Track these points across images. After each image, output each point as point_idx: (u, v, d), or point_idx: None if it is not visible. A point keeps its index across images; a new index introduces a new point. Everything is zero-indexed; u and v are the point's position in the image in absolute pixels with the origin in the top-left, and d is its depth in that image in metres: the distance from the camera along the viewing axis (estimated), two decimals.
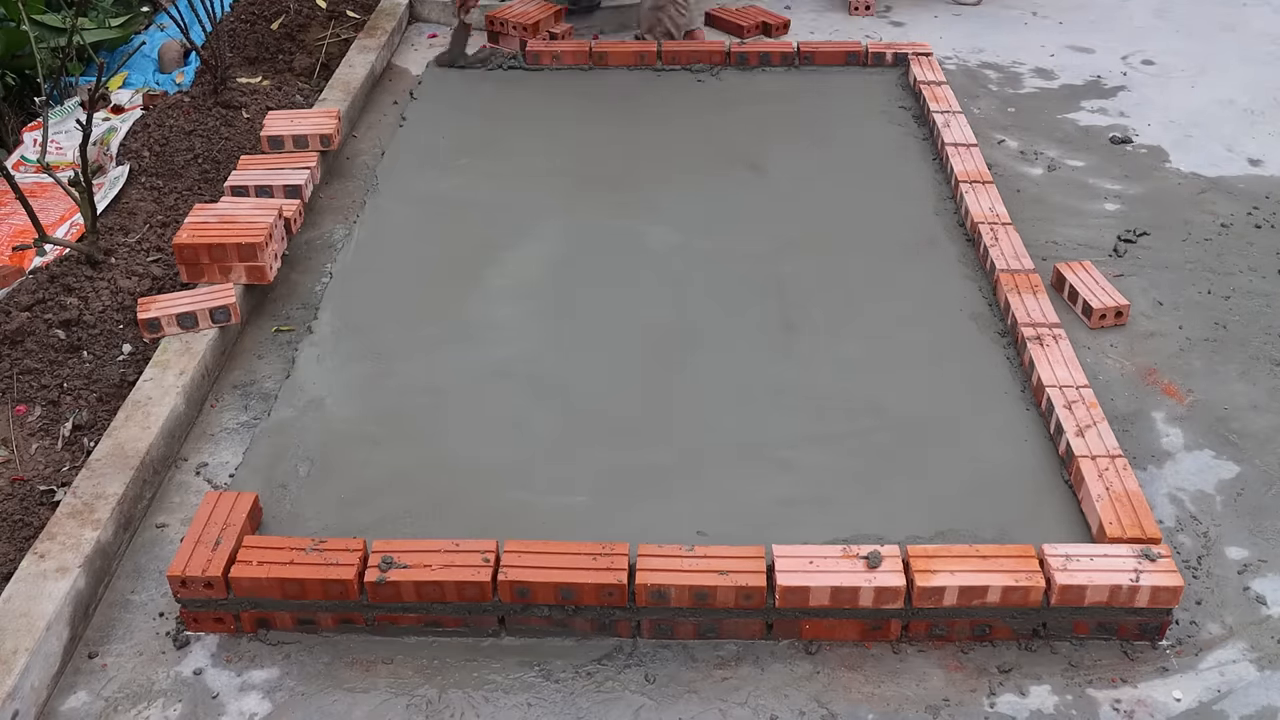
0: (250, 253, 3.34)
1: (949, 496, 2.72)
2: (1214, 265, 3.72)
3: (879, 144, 4.35)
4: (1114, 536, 2.50)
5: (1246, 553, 2.67)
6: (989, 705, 2.31)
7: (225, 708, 2.31)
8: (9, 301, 3.28)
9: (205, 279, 3.37)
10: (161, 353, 3.12)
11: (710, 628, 2.44)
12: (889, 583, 2.37)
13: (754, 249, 3.68)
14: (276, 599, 2.43)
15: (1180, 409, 3.10)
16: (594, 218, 3.87)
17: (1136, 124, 4.67)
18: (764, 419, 2.98)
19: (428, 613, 2.44)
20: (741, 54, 4.97)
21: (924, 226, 3.81)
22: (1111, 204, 4.08)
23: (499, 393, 3.07)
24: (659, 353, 3.22)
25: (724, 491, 2.75)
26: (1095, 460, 2.70)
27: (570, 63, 4.99)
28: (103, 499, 2.63)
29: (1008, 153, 4.43)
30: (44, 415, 2.99)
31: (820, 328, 3.32)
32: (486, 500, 2.72)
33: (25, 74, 4.67)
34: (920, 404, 3.02)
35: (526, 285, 3.53)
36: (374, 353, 3.23)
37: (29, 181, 4.05)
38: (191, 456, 2.96)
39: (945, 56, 5.22)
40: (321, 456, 2.86)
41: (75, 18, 3.73)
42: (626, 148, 4.32)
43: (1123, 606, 2.39)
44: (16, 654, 2.25)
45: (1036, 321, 3.20)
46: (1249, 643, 2.45)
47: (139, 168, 4.06)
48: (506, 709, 2.30)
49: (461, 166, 4.18)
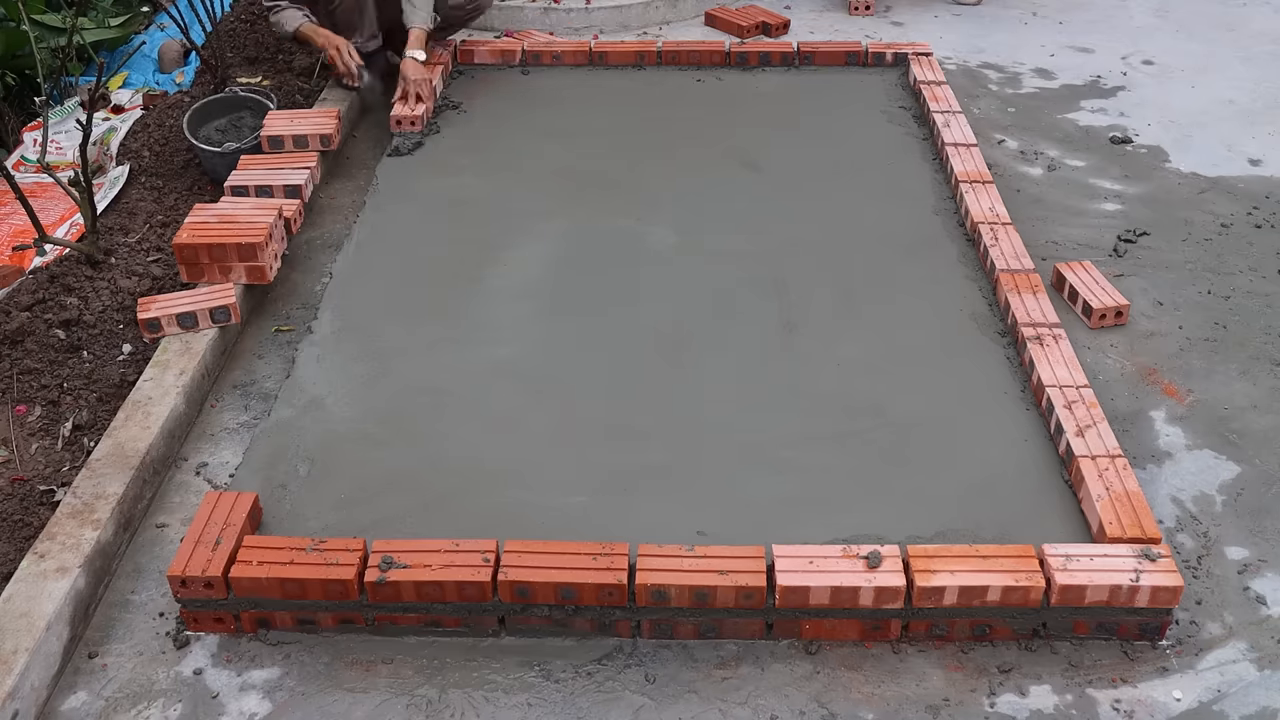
0: (250, 253, 3.34)
1: (949, 496, 2.72)
2: (1214, 265, 3.72)
3: (879, 144, 4.35)
4: (1114, 536, 2.50)
5: (1246, 553, 2.67)
6: (989, 705, 2.32)
7: (225, 708, 2.31)
8: (9, 301, 3.28)
9: (205, 279, 3.37)
10: (161, 353, 3.12)
11: (710, 628, 2.44)
12: (889, 583, 2.37)
13: (754, 249, 3.68)
14: (276, 599, 2.43)
15: (1180, 409, 3.10)
16: (593, 218, 3.87)
17: (1136, 124, 4.67)
18: (764, 419, 2.98)
19: (428, 613, 2.44)
20: (741, 54, 4.97)
21: (924, 226, 3.81)
22: (1111, 204, 4.08)
23: (499, 393, 3.07)
24: (659, 352, 3.22)
25: (724, 491, 2.75)
26: (1095, 460, 2.70)
27: (570, 62, 4.99)
28: (103, 499, 2.63)
29: (1008, 153, 4.43)
30: (44, 415, 2.99)
31: (820, 328, 3.32)
32: (486, 500, 2.72)
33: (25, 74, 4.67)
34: (920, 404, 3.02)
35: (526, 285, 3.53)
36: (374, 353, 3.23)
37: (29, 181, 4.05)
38: (191, 456, 2.96)
39: (945, 56, 5.22)
40: (321, 456, 2.86)
41: (75, 18, 3.73)
42: (626, 148, 4.32)
43: (1123, 606, 2.39)
44: (16, 654, 2.25)
45: (1036, 321, 3.20)
46: (1249, 643, 2.45)
47: (139, 168, 4.07)
48: (506, 709, 2.30)
49: (462, 166, 4.18)
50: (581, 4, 5.65)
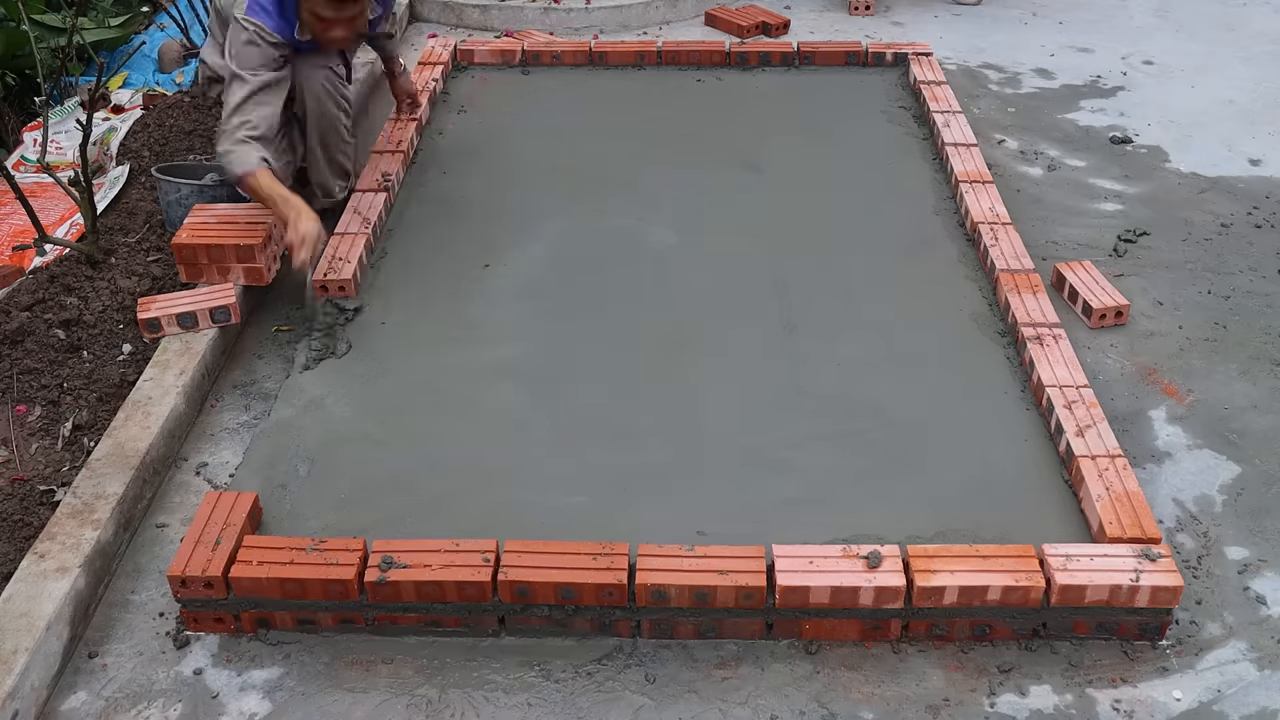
0: (248, 254, 3.33)
1: (949, 496, 2.72)
2: (1214, 265, 3.72)
3: (879, 144, 4.35)
4: (1114, 536, 2.50)
5: (1246, 553, 2.67)
6: (989, 705, 2.31)
7: (225, 708, 2.31)
8: (9, 301, 3.28)
9: (204, 279, 3.37)
10: (161, 352, 3.12)
11: (710, 628, 2.43)
12: (889, 582, 2.37)
13: (754, 249, 3.68)
14: (276, 599, 2.43)
15: (1180, 409, 3.10)
16: (593, 218, 3.88)
17: (1136, 124, 4.67)
18: (764, 419, 2.98)
19: (428, 613, 2.44)
20: (741, 54, 4.97)
21: (924, 226, 3.81)
22: (1111, 204, 4.09)
23: (499, 393, 3.07)
24: (659, 352, 3.22)
25: (724, 491, 2.74)
26: (1095, 460, 2.70)
27: (570, 62, 5.00)
28: (103, 499, 2.63)
29: (1008, 153, 4.43)
30: (44, 415, 2.99)
31: (820, 328, 3.32)
32: (486, 500, 2.72)
33: (25, 74, 4.67)
34: (920, 404, 3.02)
35: (526, 285, 3.53)
36: (374, 353, 3.23)
37: (29, 181, 4.05)
38: (191, 456, 2.96)
39: (945, 56, 5.23)
40: (321, 456, 2.86)
41: (75, 18, 3.73)
42: (626, 148, 4.32)
43: (1123, 606, 2.39)
44: (16, 654, 2.25)
45: (1036, 321, 3.20)
46: (1249, 643, 2.45)
47: (139, 168, 4.06)
48: (506, 709, 2.30)
49: (461, 166, 4.18)
50: (581, 4, 5.65)
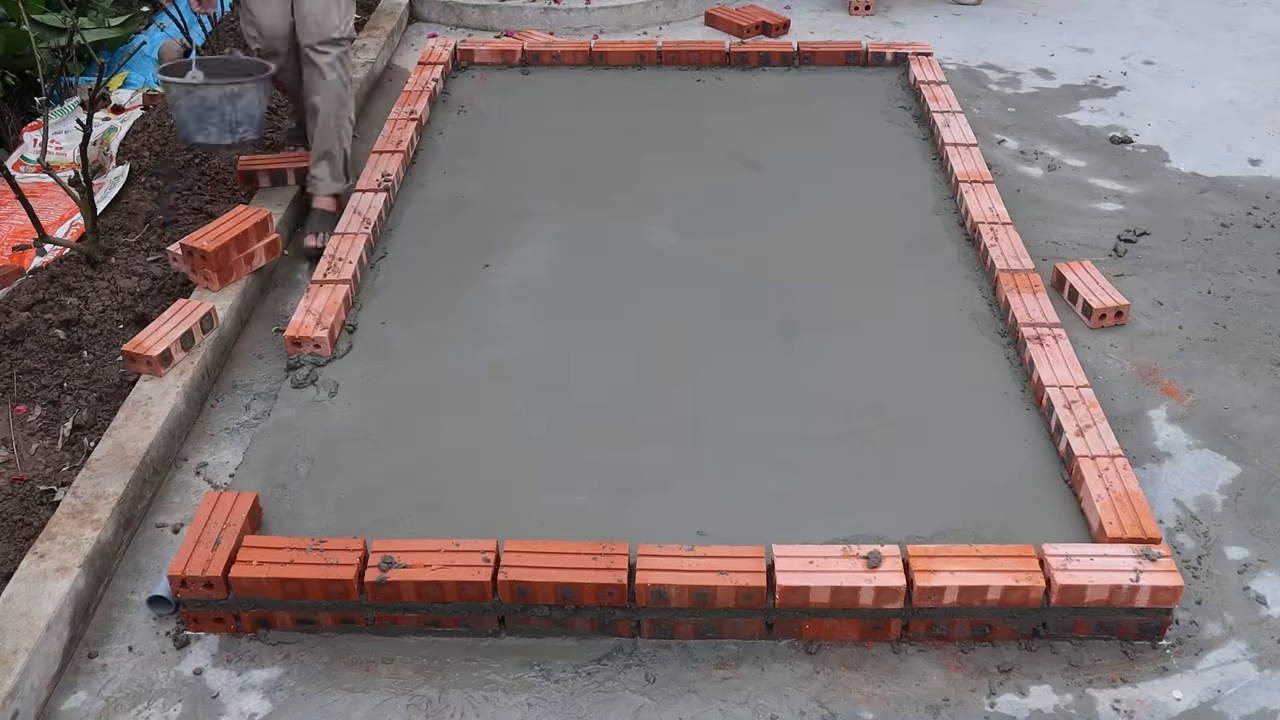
0: (265, 227, 3.47)
1: (949, 496, 2.72)
2: (1214, 265, 3.72)
3: (879, 144, 4.35)
4: (1114, 536, 2.50)
5: (1246, 553, 2.66)
6: (989, 705, 2.31)
7: (225, 708, 2.31)
8: (9, 301, 3.28)
9: (235, 278, 3.42)
10: None
11: (710, 628, 2.43)
12: (889, 582, 2.37)
13: (754, 249, 3.68)
14: (276, 599, 2.43)
15: (1180, 409, 3.10)
16: (593, 217, 3.87)
17: (1136, 124, 4.67)
18: (764, 419, 2.97)
19: (428, 613, 2.44)
20: (741, 54, 4.97)
21: (924, 226, 3.81)
22: (1111, 204, 4.08)
23: (499, 393, 3.07)
24: (659, 352, 3.22)
25: (724, 491, 2.74)
26: (1095, 460, 2.70)
27: (570, 62, 4.99)
28: (103, 499, 2.63)
29: (1008, 153, 4.43)
30: (44, 415, 2.99)
31: (820, 328, 3.32)
32: (486, 500, 2.72)
33: (25, 74, 4.67)
34: (920, 404, 3.02)
35: (526, 285, 3.53)
36: (374, 353, 3.23)
37: (29, 181, 4.05)
38: (191, 456, 2.96)
39: (945, 56, 5.22)
40: (321, 456, 2.86)
41: (75, 18, 3.73)
42: (626, 147, 4.32)
43: (1123, 606, 2.39)
44: (16, 654, 2.25)
45: (1036, 321, 3.20)
46: (1249, 643, 2.45)
47: (139, 168, 4.06)
48: (506, 709, 2.30)
49: (462, 166, 4.18)
50: (581, 4, 5.65)
